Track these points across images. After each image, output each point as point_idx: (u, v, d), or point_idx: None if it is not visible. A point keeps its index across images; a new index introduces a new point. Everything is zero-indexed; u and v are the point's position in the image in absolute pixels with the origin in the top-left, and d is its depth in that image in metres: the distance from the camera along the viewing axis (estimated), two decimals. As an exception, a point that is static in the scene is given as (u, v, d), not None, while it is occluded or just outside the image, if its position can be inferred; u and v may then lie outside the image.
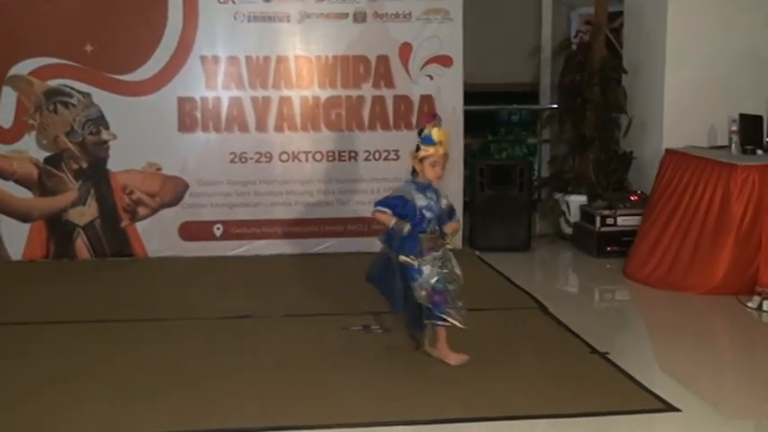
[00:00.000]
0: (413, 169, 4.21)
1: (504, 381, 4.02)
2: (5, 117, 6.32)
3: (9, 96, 6.30)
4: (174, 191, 6.49)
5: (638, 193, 6.66)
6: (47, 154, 6.38)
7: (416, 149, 4.16)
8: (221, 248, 6.54)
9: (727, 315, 5.20)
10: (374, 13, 6.53)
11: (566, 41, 7.67)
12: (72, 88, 6.34)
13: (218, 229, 6.57)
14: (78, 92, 6.35)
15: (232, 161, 6.52)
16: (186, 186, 6.50)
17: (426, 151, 4.12)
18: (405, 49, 6.58)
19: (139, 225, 6.50)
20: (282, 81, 6.53)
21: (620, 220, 6.50)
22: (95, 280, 5.97)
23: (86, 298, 5.48)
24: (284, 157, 6.57)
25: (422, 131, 4.17)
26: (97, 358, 4.33)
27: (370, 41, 6.55)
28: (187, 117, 6.46)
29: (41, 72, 6.31)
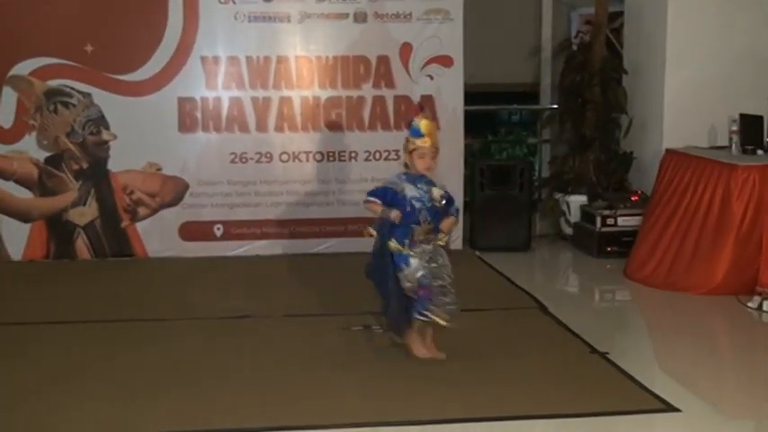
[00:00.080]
0: (405, 162, 4.25)
1: (504, 381, 4.02)
2: (6, 117, 6.32)
3: (9, 97, 6.31)
4: (175, 191, 6.50)
5: (639, 193, 6.66)
6: (47, 154, 6.38)
7: (406, 141, 4.20)
8: (221, 248, 6.55)
9: (728, 315, 5.20)
10: (374, 13, 6.53)
11: (566, 42, 7.68)
12: (72, 88, 6.34)
13: (219, 229, 6.57)
14: (79, 92, 6.35)
15: (232, 161, 6.53)
16: (186, 186, 6.50)
17: (414, 143, 4.16)
18: (405, 50, 6.59)
19: (140, 225, 6.50)
20: (283, 81, 6.53)
21: (621, 220, 6.50)
22: (95, 280, 5.97)
23: (86, 298, 5.48)
24: (284, 158, 6.57)
25: (411, 124, 4.20)
26: (97, 358, 4.33)
27: (371, 42, 6.55)
28: (187, 117, 6.46)
29: (42, 72, 6.31)
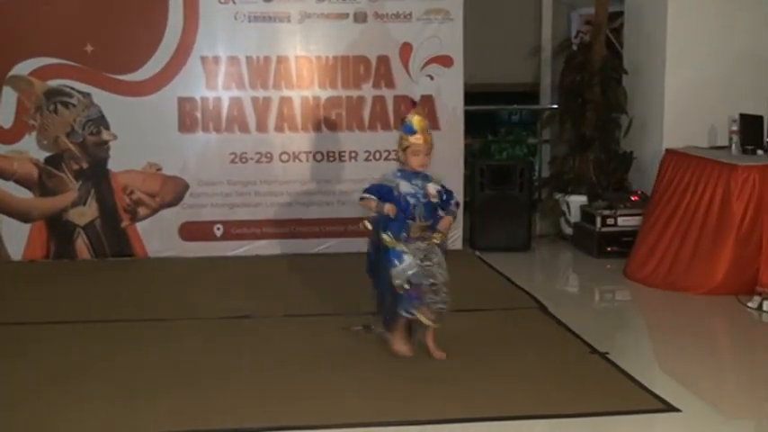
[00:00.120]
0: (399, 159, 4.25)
1: (504, 381, 4.02)
2: (6, 117, 6.32)
3: (9, 97, 6.31)
4: (175, 191, 6.49)
5: (639, 193, 6.66)
6: (47, 154, 6.38)
7: (400, 138, 4.18)
8: (221, 248, 6.55)
9: (728, 315, 5.20)
10: (374, 13, 6.53)
11: (566, 42, 7.68)
12: (72, 88, 6.34)
13: (219, 229, 6.57)
14: (78, 92, 6.35)
15: (232, 161, 6.53)
16: (186, 186, 6.50)
17: (408, 141, 4.14)
18: (405, 50, 6.58)
19: (140, 225, 6.50)
20: (283, 81, 6.53)
21: (621, 220, 6.50)
22: (95, 280, 5.97)
23: (86, 298, 5.48)
24: (284, 158, 6.57)
25: (404, 120, 4.19)
26: (97, 358, 4.33)
27: (371, 42, 6.55)
28: (187, 117, 6.46)
29: (42, 72, 6.31)
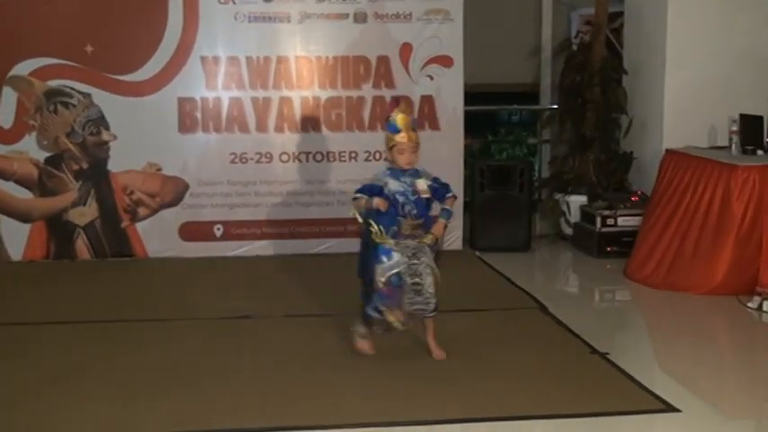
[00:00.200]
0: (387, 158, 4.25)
1: (504, 381, 4.02)
2: (6, 118, 6.32)
3: (9, 97, 6.31)
4: (175, 191, 6.50)
5: (639, 193, 6.66)
6: (47, 154, 6.38)
7: (386, 138, 4.17)
8: (221, 249, 6.55)
9: (728, 315, 5.20)
10: (374, 13, 6.53)
11: (566, 42, 7.68)
12: (72, 89, 6.34)
13: (219, 229, 6.57)
14: (79, 92, 6.35)
15: (232, 161, 6.53)
16: (186, 187, 6.50)
17: (393, 140, 4.12)
18: (405, 50, 6.58)
19: (140, 225, 6.50)
20: (283, 81, 6.53)
21: (621, 220, 6.50)
22: (95, 280, 5.97)
23: (86, 298, 5.48)
24: (284, 158, 6.57)
25: (388, 119, 4.18)
26: (97, 358, 4.33)
27: (371, 42, 6.55)
28: (187, 117, 6.46)
29: (42, 72, 6.31)
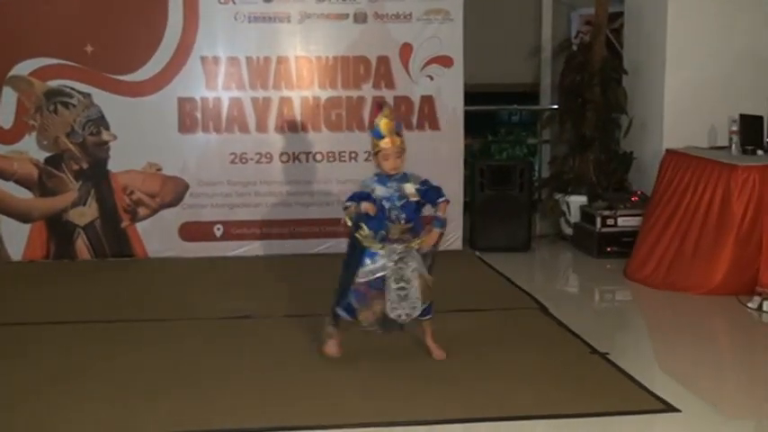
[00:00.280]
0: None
1: (505, 381, 4.02)
2: (6, 118, 6.32)
3: (9, 97, 6.31)
4: (175, 191, 6.50)
5: (639, 193, 6.66)
6: (47, 154, 6.39)
7: (372, 143, 4.15)
8: (221, 249, 6.55)
9: (728, 315, 5.20)
10: (374, 13, 6.53)
11: (566, 42, 7.68)
12: (72, 89, 6.34)
13: (219, 229, 6.57)
14: (79, 92, 6.36)
15: (232, 162, 6.53)
16: (186, 187, 6.50)
17: (377, 145, 4.09)
18: (405, 50, 6.58)
19: (140, 225, 6.51)
20: (283, 82, 6.53)
21: (621, 220, 6.50)
22: (95, 280, 5.97)
23: (86, 298, 5.48)
24: (284, 158, 6.57)
25: (372, 124, 4.17)
26: (97, 358, 4.33)
27: (371, 42, 6.55)
28: (187, 117, 6.47)
29: (42, 72, 6.31)
